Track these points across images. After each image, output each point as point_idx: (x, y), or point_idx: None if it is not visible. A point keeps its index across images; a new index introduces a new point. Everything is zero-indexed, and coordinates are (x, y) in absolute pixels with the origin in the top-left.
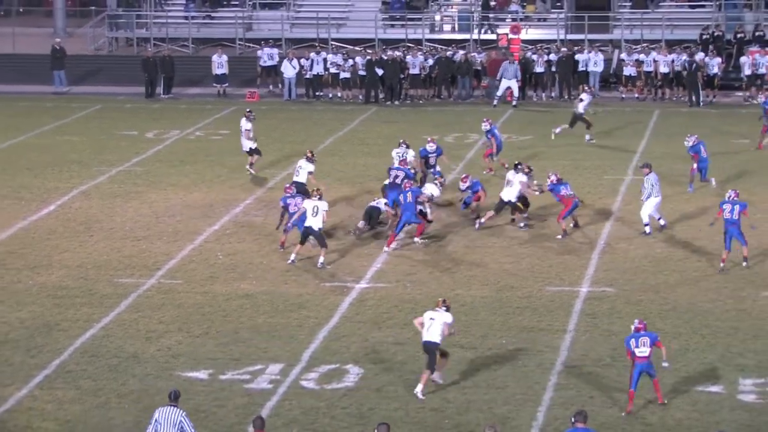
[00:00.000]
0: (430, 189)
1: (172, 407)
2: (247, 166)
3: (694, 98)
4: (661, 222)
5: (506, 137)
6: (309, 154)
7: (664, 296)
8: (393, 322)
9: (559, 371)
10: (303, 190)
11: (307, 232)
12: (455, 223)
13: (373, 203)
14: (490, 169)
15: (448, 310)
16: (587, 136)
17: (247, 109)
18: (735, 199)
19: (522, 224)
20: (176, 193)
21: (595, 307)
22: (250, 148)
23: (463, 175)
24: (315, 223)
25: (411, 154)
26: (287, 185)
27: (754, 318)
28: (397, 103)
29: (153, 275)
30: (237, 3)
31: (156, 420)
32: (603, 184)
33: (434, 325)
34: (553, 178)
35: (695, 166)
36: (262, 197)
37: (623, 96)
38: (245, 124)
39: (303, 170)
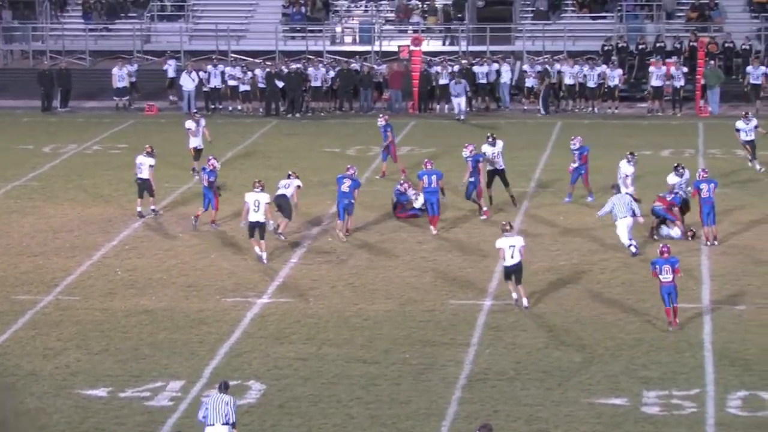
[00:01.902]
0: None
1: (222, 394)
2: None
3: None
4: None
5: (408, 149)
6: (149, 149)
7: (567, 309)
8: (295, 337)
9: (463, 385)
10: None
11: (253, 227)
12: (356, 237)
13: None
14: (383, 174)
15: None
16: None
17: (193, 110)
18: (705, 177)
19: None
20: (74, 208)
21: (498, 320)
22: (196, 147)
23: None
24: (259, 217)
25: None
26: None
27: (658, 329)
28: (298, 115)
29: (50, 292)
30: (135, 15)
31: (205, 403)
32: (506, 198)
33: (515, 250)
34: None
35: (573, 166)
36: (160, 211)
37: (525, 108)
38: (188, 124)
39: (144, 166)
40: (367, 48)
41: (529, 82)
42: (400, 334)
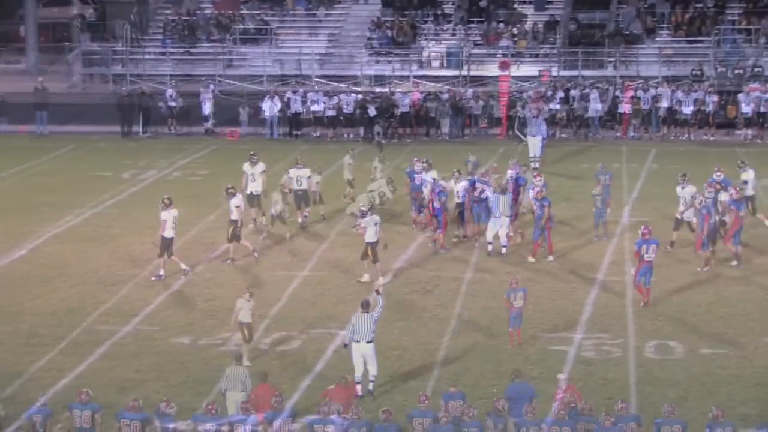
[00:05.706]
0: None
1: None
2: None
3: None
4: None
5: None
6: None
7: (661, 343)
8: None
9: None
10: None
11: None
12: (441, 267)
13: None
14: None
15: None
16: None
17: (251, 152)
18: (648, 237)
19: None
20: (153, 236)
21: (589, 354)
22: (251, 193)
23: None
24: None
25: None
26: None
27: (755, 366)
28: (384, 142)
29: (129, 322)
30: (216, 39)
31: (227, 375)
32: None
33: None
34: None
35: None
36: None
37: (618, 134)
38: (245, 167)
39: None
40: (455, 72)
41: (622, 108)
42: (488, 367)
